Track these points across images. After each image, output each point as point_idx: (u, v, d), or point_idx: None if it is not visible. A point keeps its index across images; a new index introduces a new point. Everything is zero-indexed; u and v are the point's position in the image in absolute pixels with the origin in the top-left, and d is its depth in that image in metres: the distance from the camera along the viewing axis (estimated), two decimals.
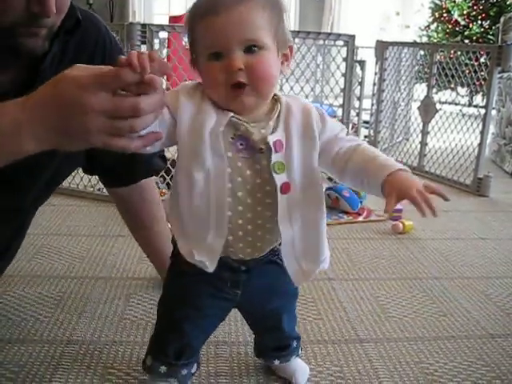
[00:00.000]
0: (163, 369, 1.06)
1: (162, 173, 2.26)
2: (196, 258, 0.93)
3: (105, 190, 2.37)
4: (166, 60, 0.79)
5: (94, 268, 1.73)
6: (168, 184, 2.38)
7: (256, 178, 0.91)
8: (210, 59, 0.85)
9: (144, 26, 2.25)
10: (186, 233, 0.95)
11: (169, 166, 1.79)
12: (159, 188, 2.30)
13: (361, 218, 2.35)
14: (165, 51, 2.90)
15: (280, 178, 0.90)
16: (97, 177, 1.56)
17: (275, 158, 0.89)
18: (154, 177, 1.51)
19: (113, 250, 1.88)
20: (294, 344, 1.19)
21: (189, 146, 0.88)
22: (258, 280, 1.02)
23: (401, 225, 2.19)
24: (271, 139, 0.88)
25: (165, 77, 2.58)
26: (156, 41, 2.33)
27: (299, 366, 1.22)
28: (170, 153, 2.10)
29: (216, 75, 0.84)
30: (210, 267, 0.94)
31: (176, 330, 1.05)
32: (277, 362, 1.19)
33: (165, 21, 5.36)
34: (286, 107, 0.91)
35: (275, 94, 0.93)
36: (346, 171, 0.92)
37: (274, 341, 1.17)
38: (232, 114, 0.87)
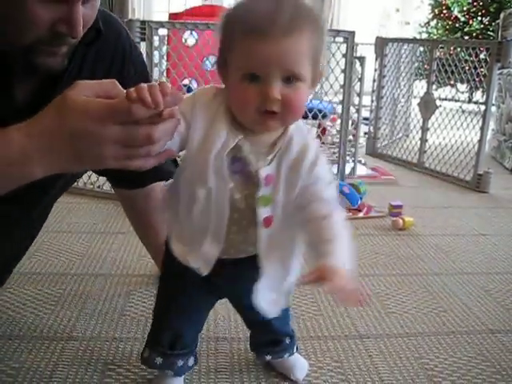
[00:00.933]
0: (159, 360, 1.08)
1: None
2: (191, 264, 0.96)
3: (105, 187, 2.38)
4: (174, 91, 0.77)
5: (94, 265, 1.73)
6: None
7: (243, 202, 0.92)
8: (245, 79, 0.83)
9: (143, 22, 2.25)
10: (183, 237, 0.98)
11: None
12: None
13: (361, 214, 2.35)
14: (164, 48, 2.90)
15: (264, 212, 0.91)
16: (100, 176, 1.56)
17: (263, 191, 0.90)
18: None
19: (113, 247, 1.88)
20: (287, 341, 1.18)
21: (193, 164, 0.89)
22: (242, 272, 1.01)
23: (401, 221, 2.19)
24: (263, 172, 0.89)
25: (164, 73, 2.57)
26: (155, 38, 2.32)
27: (298, 362, 1.22)
28: None
29: (249, 98, 0.83)
30: (204, 272, 0.96)
31: (167, 319, 1.09)
32: (268, 358, 1.19)
33: (164, 18, 5.35)
34: (287, 143, 0.91)
35: None
36: (303, 227, 0.93)
37: (265, 335, 1.17)
38: (240, 138, 0.88)
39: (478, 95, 4.85)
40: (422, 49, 3.64)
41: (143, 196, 1.44)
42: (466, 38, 5.84)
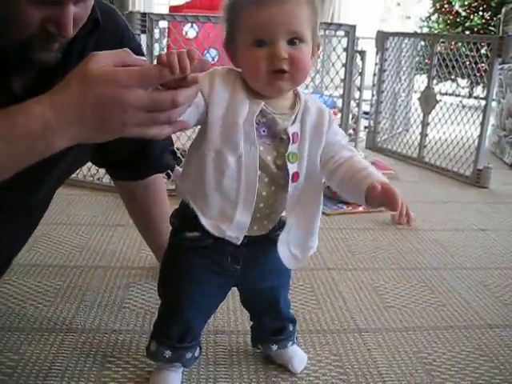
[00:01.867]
0: (168, 353, 1.08)
1: None
2: (228, 234, 0.98)
3: (104, 179, 2.38)
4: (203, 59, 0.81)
5: (94, 257, 1.73)
6: (168, 174, 2.37)
7: (273, 164, 0.97)
8: (253, 46, 0.90)
9: (144, 15, 2.24)
10: (213, 210, 0.97)
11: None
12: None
13: (360, 209, 2.35)
14: (165, 41, 2.89)
15: (292, 167, 0.97)
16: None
17: (291, 148, 0.96)
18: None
19: (112, 240, 1.88)
20: (290, 328, 1.20)
21: (222, 133, 0.92)
22: (257, 255, 1.06)
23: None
24: (290, 130, 0.96)
25: None
26: (156, 30, 2.32)
27: (297, 354, 1.22)
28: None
29: (259, 61, 0.89)
30: (240, 240, 0.99)
31: (177, 311, 1.07)
32: (274, 348, 1.20)
33: (165, 10, 5.33)
34: (304, 104, 0.98)
35: (296, 90, 0.99)
36: (334, 176, 0.99)
37: (271, 322, 1.18)
38: (263, 103, 0.93)
39: (479, 90, 4.85)
40: (422, 43, 3.63)
41: (142, 188, 1.44)
42: (467, 32, 5.83)
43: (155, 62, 0.80)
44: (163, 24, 2.48)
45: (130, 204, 1.53)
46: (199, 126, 0.97)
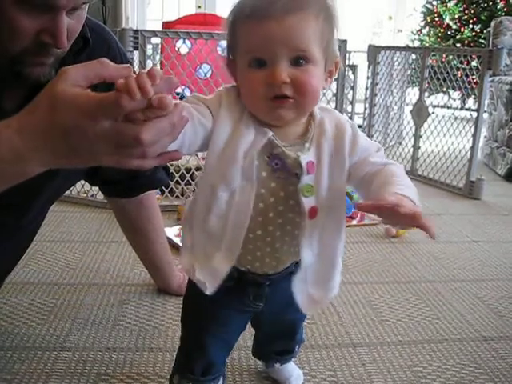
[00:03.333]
0: None
1: None
2: (196, 276, 0.89)
3: (98, 196, 2.38)
4: (168, 75, 0.69)
5: (88, 274, 1.73)
6: (161, 190, 2.37)
7: (289, 199, 0.87)
8: (251, 66, 0.79)
9: (136, 31, 2.25)
10: (193, 247, 0.90)
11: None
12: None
13: (354, 222, 2.36)
14: (158, 57, 2.90)
15: (308, 202, 0.85)
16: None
17: (305, 180, 0.84)
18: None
19: (106, 257, 1.87)
20: (297, 348, 1.20)
21: (219, 163, 0.83)
22: (280, 292, 0.97)
23: (394, 228, 2.20)
24: (304, 160, 0.84)
25: None
26: (149, 46, 2.33)
27: (294, 371, 1.22)
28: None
29: (256, 86, 0.79)
30: (209, 290, 0.89)
31: (200, 347, 1.02)
32: (277, 365, 1.19)
33: (158, 27, 5.36)
34: (318, 124, 0.86)
35: None
36: (369, 193, 0.85)
37: (282, 347, 1.17)
38: (271, 134, 0.83)
39: (471, 102, 4.87)
40: (414, 56, 3.65)
41: (135, 205, 1.44)
42: (458, 45, 5.88)
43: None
44: (156, 40, 2.49)
45: (123, 221, 1.52)
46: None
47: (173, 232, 1.99)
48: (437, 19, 6.20)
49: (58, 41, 0.88)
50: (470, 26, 5.94)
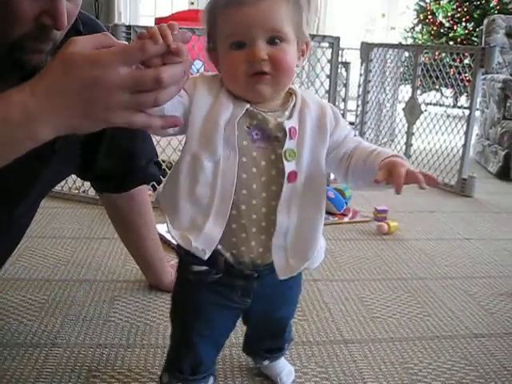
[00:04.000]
0: None
1: None
2: (193, 245, 0.90)
3: (90, 192, 2.37)
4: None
5: (79, 271, 1.72)
6: (153, 186, 2.36)
7: (271, 169, 0.90)
8: (232, 48, 0.86)
9: (129, 27, 2.25)
10: (182, 219, 0.91)
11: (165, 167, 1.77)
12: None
13: (346, 219, 2.36)
14: None
15: (289, 166, 0.89)
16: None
17: (288, 144, 0.89)
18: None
19: (98, 253, 1.87)
20: (286, 346, 1.20)
21: (201, 133, 0.87)
22: (268, 289, 1.00)
23: (386, 225, 2.20)
24: (287, 124, 0.89)
25: None
26: None
27: (285, 368, 1.22)
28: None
29: (238, 64, 0.85)
30: (207, 254, 0.91)
31: (188, 346, 1.01)
32: (266, 363, 1.20)
33: (151, 23, 5.35)
34: (301, 99, 0.92)
35: (290, 88, 0.93)
36: (348, 171, 0.93)
37: (272, 345, 1.18)
38: (249, 105, 0.88)
39: (463, 100, 4.88)
40: (407, 54, 3.66)
41: (127, 200, 1.44)
42: (451, 43, 5.90)
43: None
44: None
45: (114, 217, 1.52)
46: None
47: (164, 228, 1.98)
48: (430, 17, 6.21)
49: (58, 21, 0.89)
50: (463, 23, 5.97)
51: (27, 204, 1.19)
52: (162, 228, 1.94)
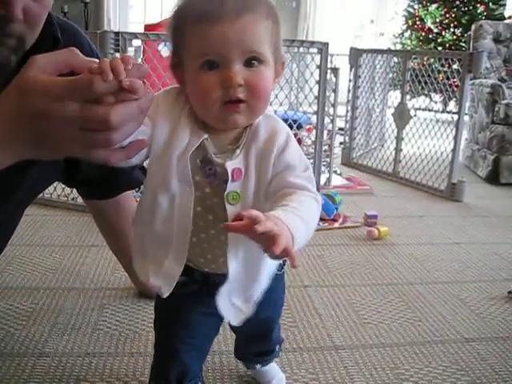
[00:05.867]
0: None
1: None
2: (151, 281, 0.89)
3: (78, 199, 2.35)
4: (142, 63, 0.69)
5: (67, 279, 1.70)
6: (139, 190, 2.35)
7: (223, 206, 0.84)
8: (203, 69, 0.77)
9: (117, 34, 2.24)
10: (145, 253, 0.90)
11: None
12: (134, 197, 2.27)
13: (336, 225, 2.36)
14: (140, 60, 2.88)
15: (233, 210, 0.82)
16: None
17: (230, 187, 0.82)
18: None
19: (86, 261, 1.85)
20: (277, 349, 1.19)
21: (157, 168, 0.83)
22: None
23: (376, 231, 2.20)
24: (229, 166, 0.82)
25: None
26: (130, 49, 2.31)
27: (277, 375, 1.21)
28: None
29: (210, 88, 0.76)
30: (165, 293, 0.89)
31: (172, 355, 0.99)
32: (258, 367, 1.19)
33: (140, 29, 5.34)
34: (253, 131, 0.84)
35: None
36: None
37: (261, 348, 1.17)
38: (205, 137, 0.81)
39: (452, 105, 4.91)
40: (395, 59, 3.67)
41: (113, 206, 1.43)
42: (439, 48, 5.93)
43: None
44: (137, 43, 2.47)
45: (102, 224, 1.51)
46: None
47: None
48: (418, 23, 6.25)
49: (9, 11, 0.86)
50: (451, 29, 6.01)
51: (7, 212, 1.17)
52: None
